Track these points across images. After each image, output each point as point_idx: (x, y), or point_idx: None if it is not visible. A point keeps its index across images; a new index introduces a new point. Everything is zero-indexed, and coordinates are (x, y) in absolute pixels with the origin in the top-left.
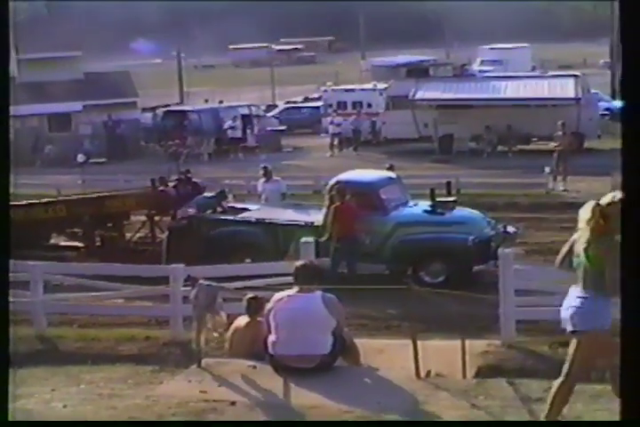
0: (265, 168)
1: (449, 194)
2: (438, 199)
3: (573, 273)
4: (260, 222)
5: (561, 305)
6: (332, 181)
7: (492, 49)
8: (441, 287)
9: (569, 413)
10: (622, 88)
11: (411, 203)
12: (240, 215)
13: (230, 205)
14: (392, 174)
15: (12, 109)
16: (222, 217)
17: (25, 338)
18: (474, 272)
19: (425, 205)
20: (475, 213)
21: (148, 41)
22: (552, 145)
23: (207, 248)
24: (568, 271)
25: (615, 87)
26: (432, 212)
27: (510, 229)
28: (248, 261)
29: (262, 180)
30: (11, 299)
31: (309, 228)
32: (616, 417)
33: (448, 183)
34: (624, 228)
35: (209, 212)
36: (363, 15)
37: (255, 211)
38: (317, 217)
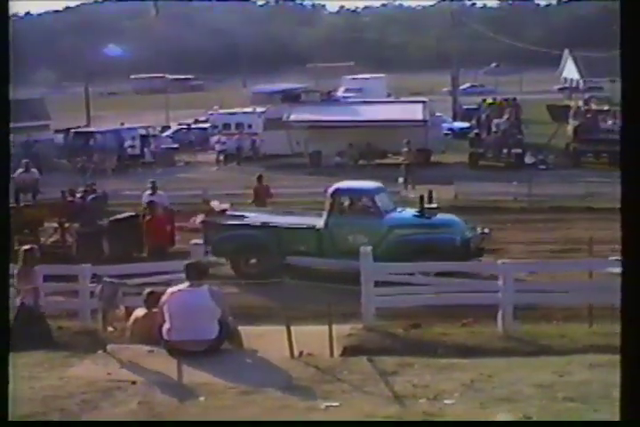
0: (153, 182)
1: (430, 201)
2: (427, 206)
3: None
4: (265, 226)
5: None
6: (332, 189)
7: (353, 79)
8: None
9: None
10: (623, 90)
11: (398, 209)
12: (245, 220)
13: (230, 212)
14: (381, 184)
15: None
16: (231, 222)
17: None
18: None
19: (411, 211)
20: (455, 217)
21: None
22: (400, 159)
23: (217, 249)
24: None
25: (456, 111)
26: (420, 216)
27: (486, 230)
28: (253, 261)
29: (148, 192)
30: None
31: (311, 230)
32: None
33: (430, 192)
34: (624, 228)
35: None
36: (244, 51)
37: (254, 217)
38: (317, 221)
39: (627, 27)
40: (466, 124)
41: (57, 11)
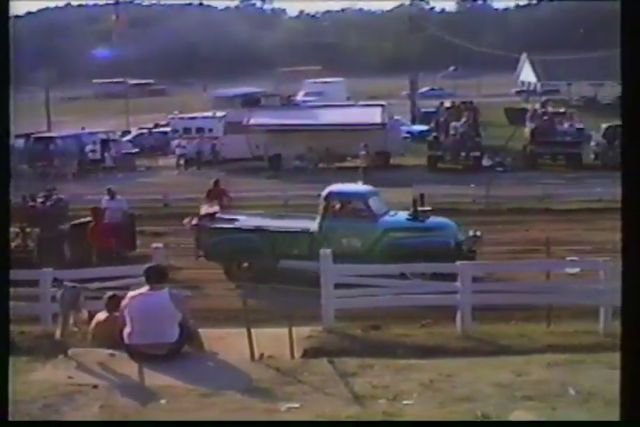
0: (109, 189)
1: (422, 204)
2: (420, 208)
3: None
4: (259, 230)
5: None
6: (325, 192)
7: (313, 83)
8: None
9: None
10: (623, 91)
11: (391, 212)
12: (238, 223)
13: (221, 215)
14: (373, 188)
15: None
16: (224, 225)
17: None
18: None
19: (404, 214)
20: (448, 220)
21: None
22: (358, 162)
23: (211, 253)
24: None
25: (415, 114)
26: (414, 219)
27: (478, 233)
28: (246, 264)
29: (107, 197)
30: None
31: (305, 234)
32: None
33: (421, 195)
34: (624, 228)
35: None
36: (205, 55)
37: (246, 220)
38: (311, 225)
39: (627, 27)
40: (424, 128)
41: (17, 16)
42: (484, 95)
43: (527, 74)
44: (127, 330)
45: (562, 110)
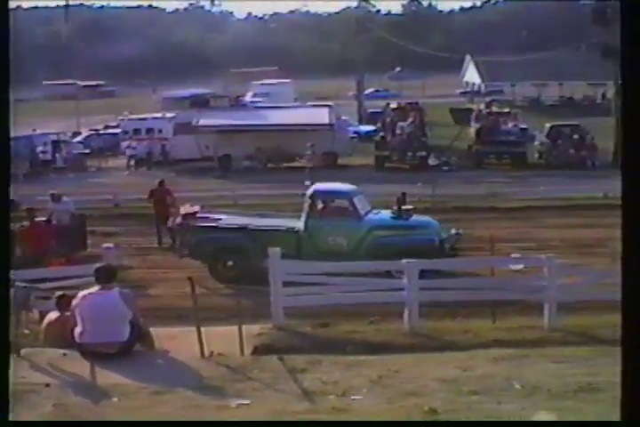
0: (52, 194)
1: (404, 203)
2: (403, 207)
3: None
4: (244, 229)
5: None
6: (310, 191)
7: (261, 84)
8: None
9: None
10: (623, 89)
11: (374, 210)
12: (222, 222)
13: (203, 214)
14: (357, 187)
15: None
16: (208, 224)
17: None
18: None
19: (386, 212)
20: (431, 218)
21: None
22: (304, 162)
23: (196, 252)
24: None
25: (361, 114)
26: (398, 217)
27: (460, 231)
28: (230, 263)
29: (51, 202)
30: None
31: (290, 232)
32: None
33: (403, 194)
34: (624, 228)
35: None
36: (154, 57)
37: (230, 219)
38: (296, 223)
39: (627, 27)
40: (371, 128)
41: None
42: (429, 96)
43: (471, 75)
44: (78, 329)
45: (506, 110)
